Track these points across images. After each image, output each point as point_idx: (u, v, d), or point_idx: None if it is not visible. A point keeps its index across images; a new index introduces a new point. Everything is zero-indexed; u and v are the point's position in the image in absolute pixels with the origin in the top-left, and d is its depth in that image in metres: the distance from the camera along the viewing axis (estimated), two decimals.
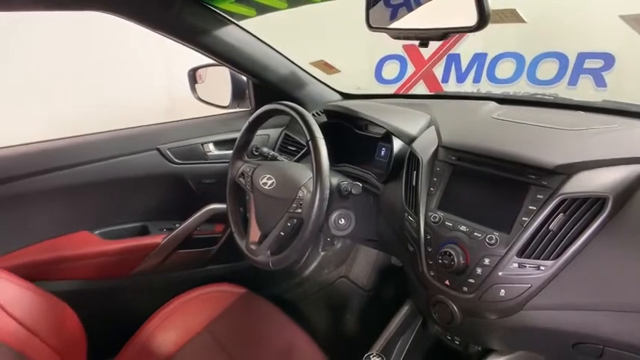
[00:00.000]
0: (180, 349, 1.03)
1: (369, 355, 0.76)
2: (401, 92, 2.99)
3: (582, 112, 0.96)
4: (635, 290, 0.62)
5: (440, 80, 3.03)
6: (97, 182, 1.13)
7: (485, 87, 2.82)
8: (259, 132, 1.23)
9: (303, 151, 1.20)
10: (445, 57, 2.96)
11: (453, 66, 2.97)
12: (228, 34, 1.06)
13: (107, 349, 1.01)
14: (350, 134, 1.14)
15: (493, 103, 1.06)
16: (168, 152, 1.20)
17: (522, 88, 2.67)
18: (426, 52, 2.99)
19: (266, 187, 0.94)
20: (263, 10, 1.03)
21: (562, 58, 2.48)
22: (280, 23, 2.51)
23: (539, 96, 1.14)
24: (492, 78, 2.82)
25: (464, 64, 2.92)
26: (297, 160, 1.20)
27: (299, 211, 0.87)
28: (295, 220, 0.88)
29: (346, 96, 1.38)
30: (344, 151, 1.13)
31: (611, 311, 0.64)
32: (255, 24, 1.15)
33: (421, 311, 0.94)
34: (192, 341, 1.04)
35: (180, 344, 1.04)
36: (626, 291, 0.62)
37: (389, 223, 0.97)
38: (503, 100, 1.08)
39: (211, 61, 1.21)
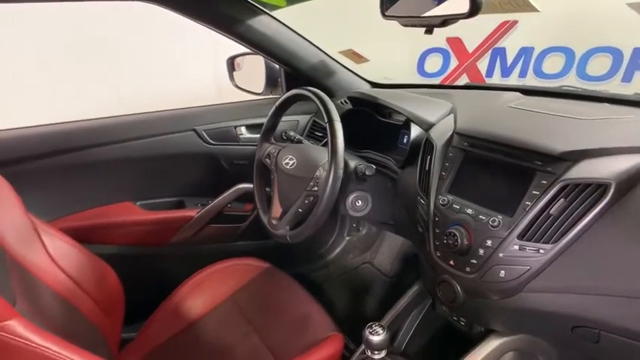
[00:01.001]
0: (207, 314, 1.12)
1: (371, 324, 0.81)
2: None
3: (608, 104, 0.95)
4: (632, 276, 0.63)
5: (484, 74, 2.97)
6: (140, 158, 1.24)
7: (532, 82, 2.74)
8: (290, 117, 1.30)
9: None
10: (490, 51, 2.90)
11: (498, 60, 2.91)
12: (261, 23, 1.13)
13: (142, 309, 1.12)
14: (374, 122, 1.18)
15: (517, 94, 1.06)
16: (204, 133, 1.29)
17: (571, 83, 2.58)
18: (470, 46, 2.95)
19: (288, 167, 1.00)
20: (293, 0, 1.08)
21: (616, 53, 2.37)
22: (321, 14, 2.57)
23: (566, 88, 1.12)
24: (539, 73, 2.73)
25: (509, 58, 2.86)
26: (324, 145, 1.26)
27: (315, 189, 0.93)
28: (312, 198, 0.94)
29: (375, 85, 1.41)
30: (368, 138, 1.17)
31: (607, 296, 0.65)
32: (292, 12, 1.21)
33: (429, 291, 0.97)
34: (218, 308, 1.13)
35: (207, 310, 1.13)
36: (624, 277, 0.63)
37: (404, 207, 1.01)
38: (528, 92, 1.08)
39: (248, 50, 1.29)
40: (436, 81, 3.04)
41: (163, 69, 2.27)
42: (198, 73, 2.41)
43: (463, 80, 3.02)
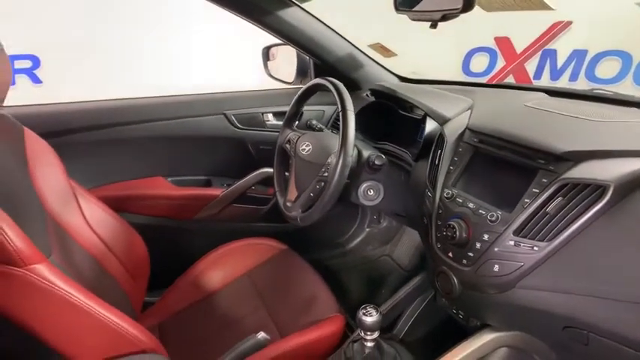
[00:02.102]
0: (224, 287, 1.20)
1: (366, 306, 0.84)
2: None
3: (636, 109, 0.92)
4: (621, 280, 0.63)
5: (532, 76, 2.89)
6: (173, 136, 1.34)
7: (583, 86, 2.64)
8: (317, 107, 1.35)
9: None
10: (540, 52, 2.81)
11: (548, 62, 2.81)
12: (290, 14, 1.18)
13: (165, 276, 1.20)
14: (396, 115, 1.20)
15: (541, 94, 1.05)
16: (233, 118, 1.37)
17: (627, 89, 2.45)
18: (519, 46, 2.87)
19: (304, 153, 1.05)
20: None
21: None
22: (359, 6, 2.58)
23: (598, 91, 1.09)
24: (591, 77, 2.63)
25: (560, 61, 2.76)
26: None
27: (326, 174, 0.97)
28: (322, 183, 0.98)
29: (404, 80, 1.42)
30: (389, 131, 1.20)
31: (597, 298, 0.65)
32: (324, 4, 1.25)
33: (430, 282, 0.99)
34: (234, 282, 1.21)
35: (224, 283, 1.21)
36: (614, 280, 0.63)
37: (414, 199, 1.03)
38: (554, 93, 1.07)
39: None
40: (482, 81, 2.99)
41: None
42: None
43: (510, 80, 2.95)
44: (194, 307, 1.16)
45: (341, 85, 0.97)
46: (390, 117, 1.21)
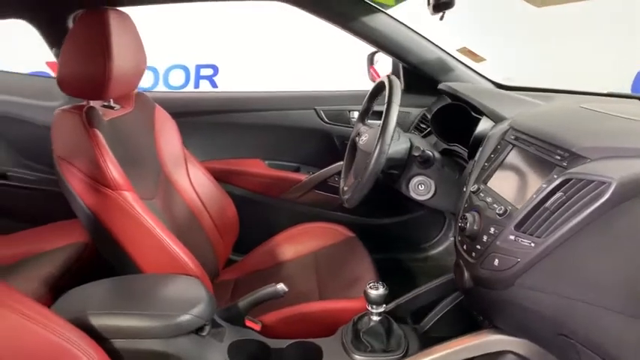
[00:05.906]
0: (292, 260, 1.36)
1: (375, 282, 0.89)
2: None
3: None
4: (612, 288, 0.58)
5: None
6: (273, 125, 1.57)
7: None
8: (404, 109, 1.42)
9: (428, 130, 1.32)
10: None
11: None
12: (376, 20, 1.29)
13: (250, 242, 1.42)
14: (470, 117, 1.19)
15: (636, 101, 0.95)
16: (322, 113, 1.53)
17: None
18: None
19: (361, 143, 1.14)
20: None
21: None
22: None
23: None
24: None
25: None
26: (424, 136, 1.33)
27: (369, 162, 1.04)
28: None
29: (498, 86, 1.38)
30: (461, 132, 1.20)
31: (586, 304, 0.60)
32: None
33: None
34: (301, 257, 1.35)
35: (293, 257, 1.36)
36: (604, 287, 0.59)
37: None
38: None
39: None
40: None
41: None
42: None
43: None
44: (265, 271, 1.35)
45: (395, 80, 1.04)
46: (466, 119, 1.21)
